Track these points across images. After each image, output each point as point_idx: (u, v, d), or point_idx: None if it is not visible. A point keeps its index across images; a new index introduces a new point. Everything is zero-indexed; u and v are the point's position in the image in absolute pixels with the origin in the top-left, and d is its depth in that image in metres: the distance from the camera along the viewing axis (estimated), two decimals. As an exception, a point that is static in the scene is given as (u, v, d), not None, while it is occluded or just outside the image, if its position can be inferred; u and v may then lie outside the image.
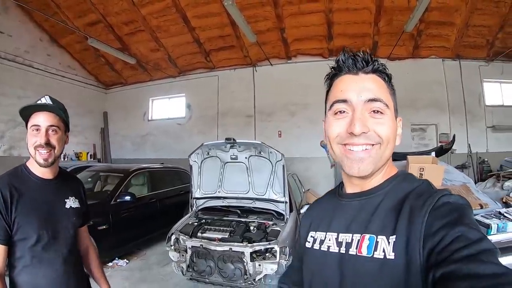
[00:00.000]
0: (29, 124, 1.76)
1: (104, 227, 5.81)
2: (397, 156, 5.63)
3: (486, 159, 10.48)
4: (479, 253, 0.72)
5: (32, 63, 12.03)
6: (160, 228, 7.02)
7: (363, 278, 0.89)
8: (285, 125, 11.66)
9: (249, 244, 4.45)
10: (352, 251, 0.94)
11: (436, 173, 4.32)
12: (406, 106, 10.79)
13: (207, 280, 4.65)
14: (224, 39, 11.27)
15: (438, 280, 0.73)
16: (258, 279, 4.35)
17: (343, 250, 0.98)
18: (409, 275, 0.81)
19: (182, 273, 4.86)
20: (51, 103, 1.83)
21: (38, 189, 1.77)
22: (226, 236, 4.80)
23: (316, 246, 1.08)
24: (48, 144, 1.72)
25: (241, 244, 4.50)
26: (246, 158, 5.24)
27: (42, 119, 1.75)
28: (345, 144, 0.97)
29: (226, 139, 4.97)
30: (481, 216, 3.30)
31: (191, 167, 5.67)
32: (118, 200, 6.28)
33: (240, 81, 12.54)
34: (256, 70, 12.30)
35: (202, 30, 11.08)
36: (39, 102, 1.81)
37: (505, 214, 3.28)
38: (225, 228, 4.99)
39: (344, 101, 0.97)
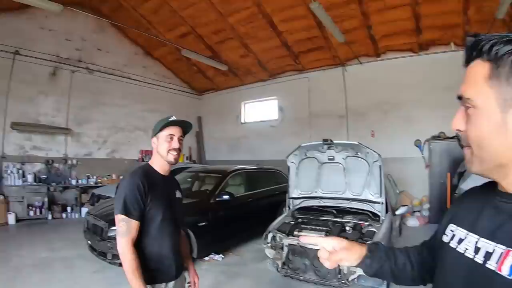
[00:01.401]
0: (164, 134, 2.30)
1: (204, 223, 6.21)
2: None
3: None
4: None
5: (130, 75, 13.46)
6: (255, 227, 7.14)
7: None
8: (377, 125, 11.26)
9: None
10: (491, 265, 0.80)
11: None
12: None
13: (301, 277, 4.76)
14: (312, 41, 11.28)
15: None
16: (352, 279, 4.35)
17: (479, 259, 0.84)
18: None
19: (277, 269, 5.03)
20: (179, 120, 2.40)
21: (161, 182, 2.33)
22: (322, 235, 4.78)
23: (453, 244, 0.96)
24: (178, 148, 2.33)
25: None
26: (343, 158, 5.29)
27: (176, 131, 2.34)
28: None
29: (324, 140, 5.08)
30: None
31: (288, 168, 5.82)
32: (217, 199, 6.63)
33: (330, 81, 12.41)
34: (345, 70, 12.11)
35: (290, 34, 11.19)
36: (171, 119, 2.35)
37: None
38: (321, 228, 5.03)
39: (459, 98, 0.88)
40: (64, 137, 11.68)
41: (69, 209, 11.04)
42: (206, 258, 6.53)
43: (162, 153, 2.30)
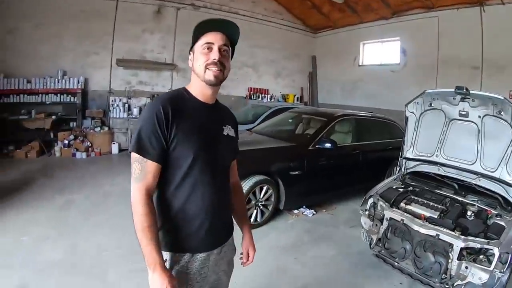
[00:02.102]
0: (200, 43, 1.67)
1: (297, 172, 5.67)
2: None
3: None
4: None
5: (238, 10, 13.50)
6: (359, 184, 6.52)
7: None
8: (518, 84, 9.05)
9: (462, 236, 3.41)
10: None
11: None
12: None
13: (396, 264, 3.93)
14: (444, -31, 9.40)
15: None
16: (457, 285, 3.38)
17: None
18: None
19: (370, 245, 4.32)
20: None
21: (198, 111, 1.71)
22: (435, 216, 3.83)
23: None
24: (221, 62, 1.65)
25: (452, 232, 3.49)
26: (479, 117, 4.02)
27: (216, 38, 1.67)
28: None
29: (457, 87, 3.90)
30: None
31: (406, 119, 4.79)
32: (317, 146, 5.96)
33: (464, 23, 10.37)
34: (484, 10, 9.96)
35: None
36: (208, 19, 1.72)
37: None
38: (435, 205, 4.02)
39: None
40: (170, 73, 12.34)
41: (172, 142, 11.65)
42: (295, 211, 6.08)
43: (199, 71, 1.67)
